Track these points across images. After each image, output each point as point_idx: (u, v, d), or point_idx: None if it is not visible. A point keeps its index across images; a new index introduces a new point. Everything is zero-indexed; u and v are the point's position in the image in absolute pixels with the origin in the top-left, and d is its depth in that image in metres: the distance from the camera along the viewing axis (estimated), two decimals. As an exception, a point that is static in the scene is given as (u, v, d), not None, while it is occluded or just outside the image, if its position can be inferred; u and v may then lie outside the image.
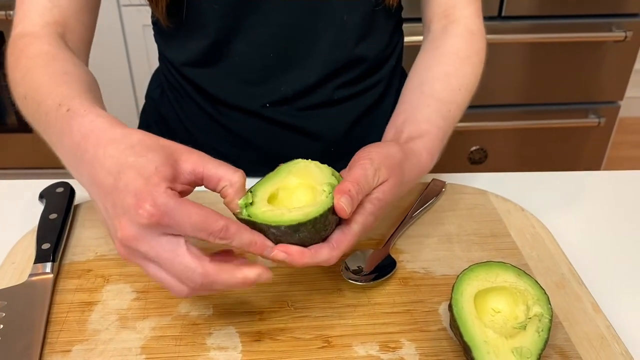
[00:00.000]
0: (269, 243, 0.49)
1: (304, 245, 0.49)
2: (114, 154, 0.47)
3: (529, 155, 2.00)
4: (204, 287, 0.47)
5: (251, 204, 0.50)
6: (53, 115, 0.53)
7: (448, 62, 0.69)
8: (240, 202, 0.49)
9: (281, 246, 0.49)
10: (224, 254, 0.50)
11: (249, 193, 0.51)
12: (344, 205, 0.49)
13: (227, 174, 0.49)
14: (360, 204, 0.51)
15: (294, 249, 0.49)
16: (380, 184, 0.54)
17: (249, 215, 0.49)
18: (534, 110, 1.89)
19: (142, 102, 1.97)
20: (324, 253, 0.50)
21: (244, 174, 0.50)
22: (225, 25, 0.71)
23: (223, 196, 0.50)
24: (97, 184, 0.48)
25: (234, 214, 0.50)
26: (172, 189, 0.46)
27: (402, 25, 0.83)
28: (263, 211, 0.49)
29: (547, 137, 1.96)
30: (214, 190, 0.50)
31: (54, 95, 0.54)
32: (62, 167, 0.55)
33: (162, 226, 0.45)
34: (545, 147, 1.99)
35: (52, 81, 0.56)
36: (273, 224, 0.48)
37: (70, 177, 0.72)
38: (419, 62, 0.72)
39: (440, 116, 0.65)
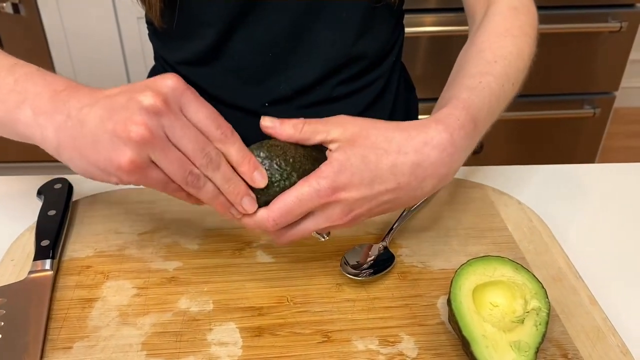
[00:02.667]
0: (261, 168, 0.51)
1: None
2: (116, 88, 0.48)
3: (525, 146, 2.01)
4: (213, 165, 0.48)
5: None
6: (5, 70, 0.52)
7: (483, 40, 0.62)
8: None
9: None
10: None
11: None
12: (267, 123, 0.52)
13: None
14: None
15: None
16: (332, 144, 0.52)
17: None
18: (529, 101, 1.89)
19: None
20: (262, 212, 0.51)
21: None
22: (224, 26, 0.70)
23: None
24: (104, 97, 0.47)
25: None
26: None
27: (403, 19, 0.83)
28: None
29: (543, 127, 1.96)
30: None
31: None
32: (60, 161, 0.54)
33: (183, 101, 0.46)
34: (540, 138, 1.99)
35: None
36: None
37: (69, 172, 0.72)
38: (461, 53, 0.65)
39: (465, 89, 0.56)
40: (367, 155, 0.50)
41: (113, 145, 0.45)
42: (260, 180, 0.50)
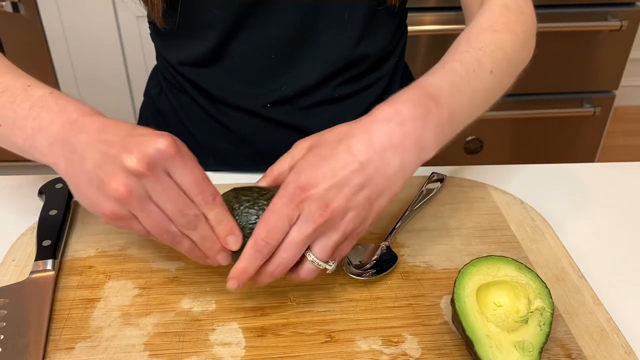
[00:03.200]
0: (238, 231, 0.51)
1: None
2: (124, 127, 0.49)
3: (525, 145, 2.01)
4: (190, 226, 0.49)
5: None
6: (20, 93, 0.53)
7: (464, 34, 0.61)
8: None
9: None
10: None
11: None
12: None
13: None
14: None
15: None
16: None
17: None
18: (529, 100, 1.89)
19: (136, 94, 1.96)
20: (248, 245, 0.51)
21: None
22: (226, 28, 0.70)
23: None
24: (104, 141, 0.48)
25: None
26: None
27: (406, 19, 0.83)
28: None
29: (543, 126, 1.96)
30: None
31: (11, 76, 0.55)
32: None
33: (170, 165, 0.47)
34: (540, 137, 1.99)
35: None
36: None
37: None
38: None
39: (424, 76, 0.56)
40: (320, 151, 0.51)
41: (100, 192, 0.47)
42: (233, 244, 0.51)
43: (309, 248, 0.51)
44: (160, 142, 0.46)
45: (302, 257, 0.52)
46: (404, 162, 0.50)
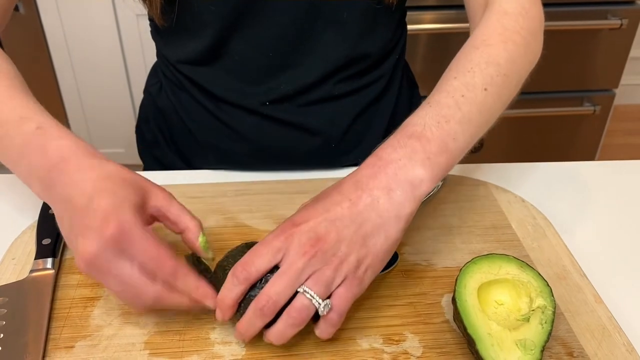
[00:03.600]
0: (211, 292, 0.51)
1: None
2: (92, 179, 0.50)
3: (525, 143, 2.01)
4: (156, 305, 0.49)
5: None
6: (13, 128, 0.54)
7: (457, 55, 0.62)
8: (201, 241, 0.54)
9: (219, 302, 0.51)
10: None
11: (204, 236, 0.55)
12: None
13: (186, 219, 0.54)
14: None
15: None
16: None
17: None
18: (529, 99, 1.89)
19: (136, 92, 1.96)
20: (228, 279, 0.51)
21: (200, 222, 0.55)
22: (223, 26, 0.70)
23: (183, 240, 0.55)
24: (70, 202, 0.49)
25: (186, 257, 0.56)
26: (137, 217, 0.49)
27: (405, 17, 0.82)
28: None
29: (543, 125, 1.96)
30: (171, 228, 0.55)
31: (8, 106, 0.56)
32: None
33: (120, 246, 0.47)
34: (540, 135, 1.99)
35: None
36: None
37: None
38: None
39: (412, 115, 0.57)
40: (316, 197, 0.53)
41: (73, 246, 0.50)
42: (212, 305, 0.51)
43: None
44: (105, 229, 0.47)
45: (295, 295, 0.49)
46: (393, 201, 0.51)
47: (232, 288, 0.50)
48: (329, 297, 0.49)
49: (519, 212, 0.69)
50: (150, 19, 0.77)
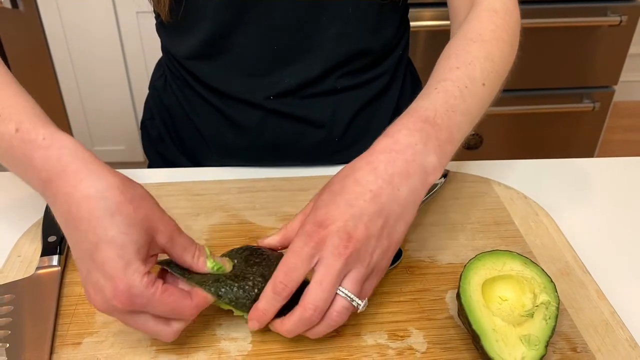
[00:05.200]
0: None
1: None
2: (91, 218, 0.45)
3: (525, 140, 2.01)
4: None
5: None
6: (7, 138, 0.49)
7: (453, 46, 0.62)
8: (211, 267, 0.52)
9: None
10: None
11: (211, 259, 0.52)
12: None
13: (189, 258, 0.51)
14: None
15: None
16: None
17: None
18: (529, 95, 1.89)
19: (135, 90, 1.96)
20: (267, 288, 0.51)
21: (203, 247, 0.52)
22: (224, 19, 0.70)
23: (189, 265, 0.51)
24: (72, 237, 0.47)
25: (160, 262, 0.52)
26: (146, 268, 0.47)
27: (407, 14, 0.83)
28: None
29: (542, 121, 1.96)
30: (176, 258, 0.51)
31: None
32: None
33: (131, 309, 0.47)
34: (540, 132, 1.99)
35: None
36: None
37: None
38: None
39: (416, 99, 0.57)
40: (331, 189, 0.51)
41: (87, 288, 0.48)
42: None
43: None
44: (114, 303, 0.46)
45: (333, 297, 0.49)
46: (411, 188, 0.51)
47: (274, 303, 0.49)
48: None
49: (521, 208, 0.70)
50: (156, 15, 0.78)
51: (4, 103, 0.50)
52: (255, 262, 0.53)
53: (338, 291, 0.49)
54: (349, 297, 0.49)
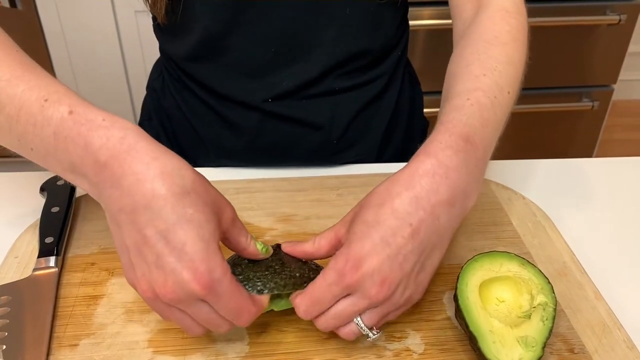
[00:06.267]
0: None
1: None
2: (168, 196, 0.42)
3: (523, 139, 2.01)
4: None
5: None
6: (37, 112, 0.45)
7: (472, 50, 0.59)
8: (261, 249, 0.51)
9: None
10: None
11: (260, 243, 0.52)
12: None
13: (244, 241, 0.50)
14: None
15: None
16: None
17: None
18: (527, 94, 1.89)
19: (134, 90, 1.95)
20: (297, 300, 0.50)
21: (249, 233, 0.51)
22: (221, 20, 0.70)
23: (243, 247, 0.50)
24: (138, 219, 0.43)
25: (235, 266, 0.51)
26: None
27: (407, 15, 0.83)
28: None
29: (541, 120, 1.96)
30: (228, 246, 0.50)
31: (25, 84, 0.46)
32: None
33: (207, 298, 0.44)
34: (539, 131, 1.99)
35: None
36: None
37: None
38: (449, 64, 0.62)
39: (451, 110, 0.53)
40: (365, 218, 0.47)
41: (131, 274, 0.45)
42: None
43: None
44: (193, 286, 0.42)
45: None
46: (451, 216, 0.48)
47: (305, 314, 0.49)
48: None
49: (519, 209, 0.70)
50: (153, 16, 0.77)
51: (50, 88, 0.47)
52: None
53: (355, 320, 0.49)
54: (362, 327, 0.48)
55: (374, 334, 0.49)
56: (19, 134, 0.47)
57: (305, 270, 0.52)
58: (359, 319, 0.48)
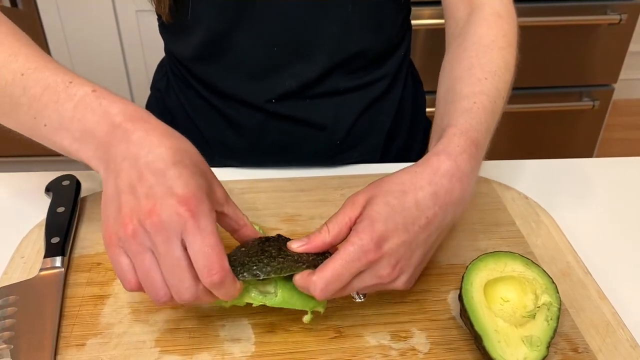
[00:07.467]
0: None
1: None
2: (171, 146, 0.47)
3: (524, 139, 2.01)
4: (182, 302, 0.47)
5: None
6: (62, 91, 0.50)
7: (471, 54, 0.61)
8: (259, 230, 0.55)
9: None
10: None
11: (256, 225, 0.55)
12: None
13: (242, 216, 0.54)
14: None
15: None
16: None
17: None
18: (528, 94, 1.89)
19: (135, 90, 1.95)
20: (313, 277, 0.50)
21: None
22: (224, 20, 0.70)
23: (238, 237, 0.54)
24: (139, 161, 0.46)
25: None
26: None
27: (410, 15, 0.83)
28: None
29: (542, 120, 1.96)
30: (225, 226, 0.53)
31: (50, 72, 0.52)
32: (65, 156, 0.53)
33: (186, 227, 0.45)
34: (539, 130, 2.00)
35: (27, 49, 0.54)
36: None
37: (76, 168, 0.72)
38: (445, 64, 0.65)
39: (461, 113, 0.56)
40: (389, 200, 0.50)
41: (114, 214, 0.47)
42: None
43: None
44: (178, 208, 0.44)
45: None
46: (456, 214, 0.53)
47: (322, 293, 0.49)
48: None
49: (522, 209, 0.70)
50: (158, 16, 0.78)
51: (73, 75, 0.52)
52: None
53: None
54: (354, 295, 0.54)
55: (360, 298, 0.54)
56: (37, 111, 0.51)
57: (303, 255, 0.51)
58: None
